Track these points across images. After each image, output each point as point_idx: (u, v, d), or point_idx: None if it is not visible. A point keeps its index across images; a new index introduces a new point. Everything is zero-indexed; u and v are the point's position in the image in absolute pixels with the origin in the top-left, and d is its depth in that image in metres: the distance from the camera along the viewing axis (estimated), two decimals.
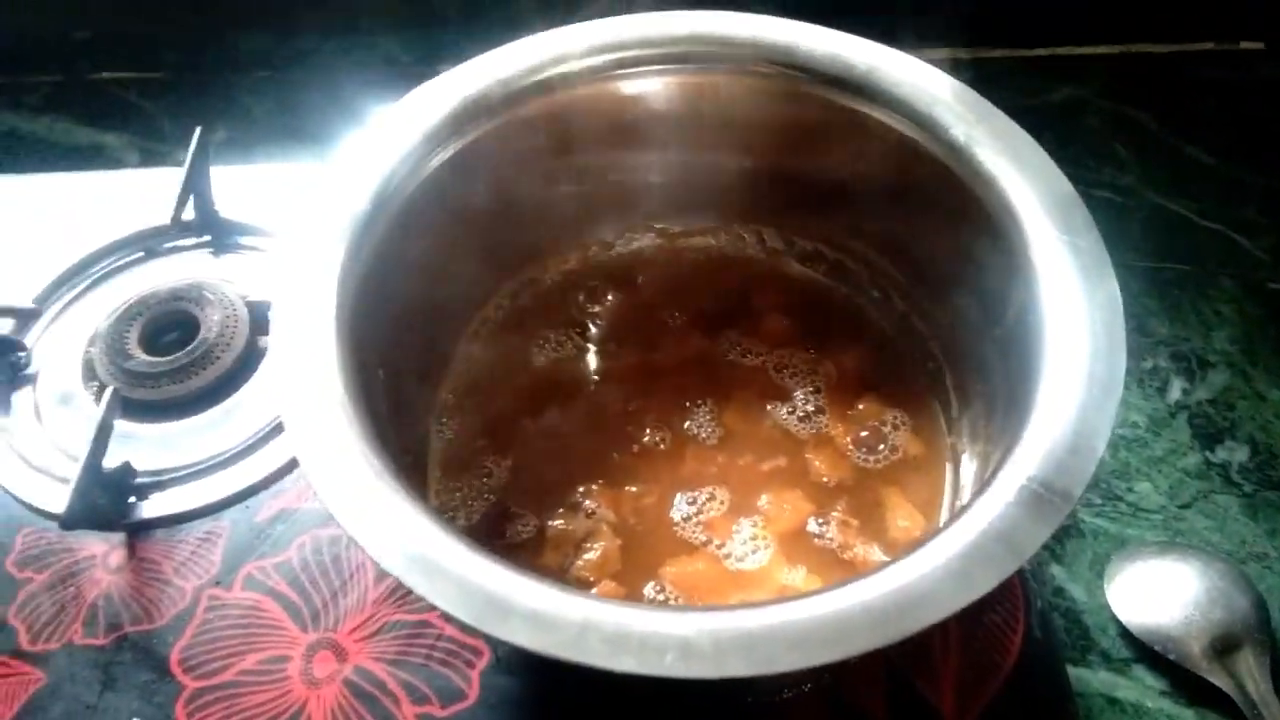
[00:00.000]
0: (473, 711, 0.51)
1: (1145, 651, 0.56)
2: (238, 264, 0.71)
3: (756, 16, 0.53)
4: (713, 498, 0.53)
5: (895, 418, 0.55)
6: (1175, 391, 0.69)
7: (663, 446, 0.55)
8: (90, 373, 0.64)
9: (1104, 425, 0.37)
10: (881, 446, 0.55)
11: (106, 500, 0.57)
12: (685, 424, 0.56)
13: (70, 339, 0.66)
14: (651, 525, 0.52)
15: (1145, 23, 0.91)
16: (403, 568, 0.35)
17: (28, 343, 0.66)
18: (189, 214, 0.71)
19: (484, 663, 0.52)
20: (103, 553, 0.57)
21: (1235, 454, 0.66)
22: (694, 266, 0.63)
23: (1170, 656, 0.55)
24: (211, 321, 0.64)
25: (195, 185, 0.70)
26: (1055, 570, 0.60)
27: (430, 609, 0.43)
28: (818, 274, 0.62)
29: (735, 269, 0.63)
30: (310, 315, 0.43)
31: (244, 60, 0.92)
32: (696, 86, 0.54)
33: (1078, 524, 0.62)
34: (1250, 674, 0.54)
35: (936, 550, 0.35)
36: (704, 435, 0.56)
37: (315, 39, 0.92)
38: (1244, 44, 0.92)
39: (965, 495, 0.51)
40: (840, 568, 0.50)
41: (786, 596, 0.35)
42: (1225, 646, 0.55)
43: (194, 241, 0.72)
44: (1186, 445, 0.66)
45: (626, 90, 0.54)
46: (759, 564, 0.50)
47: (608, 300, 0.61)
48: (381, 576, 0.55)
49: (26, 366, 0.65)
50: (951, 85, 0.49)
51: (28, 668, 0.53)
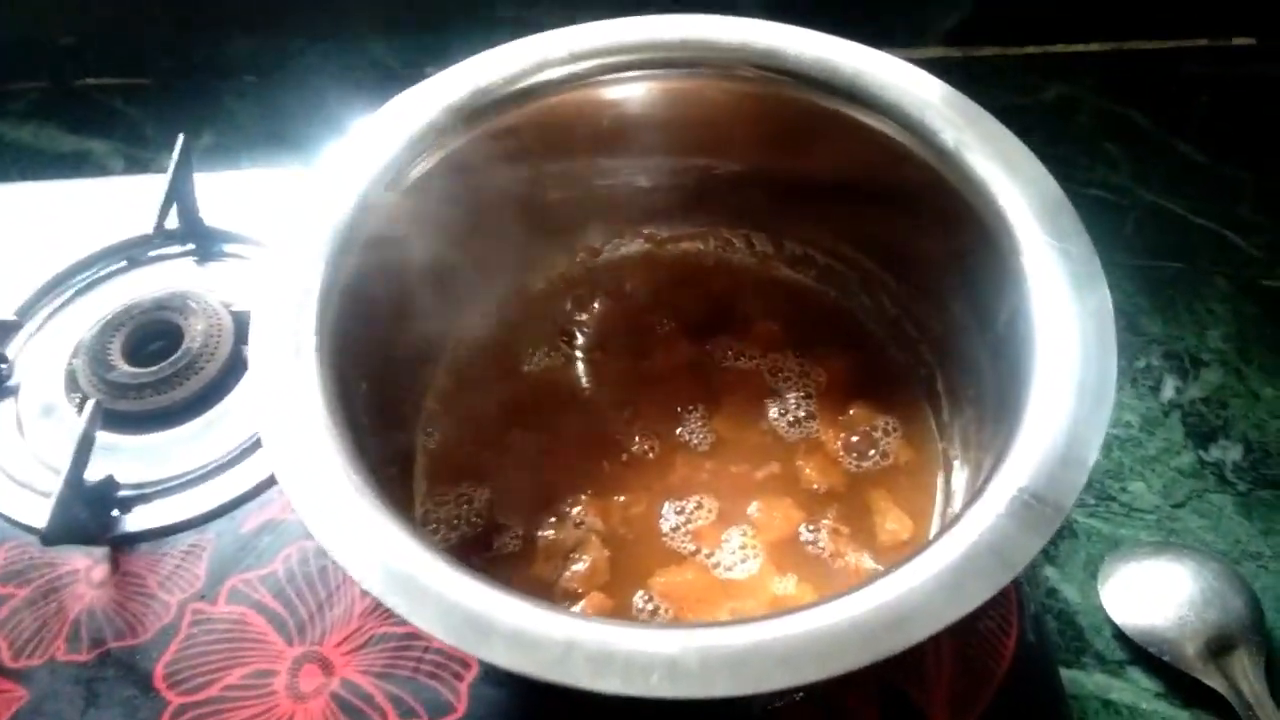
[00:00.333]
0: None
1: (1139, 653, 0.56)
2: (222, 272, 0.70)
3: (742, 20, 0.52)
4: (702, 506, 0.53)
5: (886, 423, 0.55)
6: (1168, 390, 0.69)
7: (652, 455, 0.55)
8: (73, 384, 0.63)
9: (1095, 435, 0.37)
10: (872, 452, 0.54)
11: (88, 514, 0.56)
12: (675, 431, 0.55)
13: (53, 350, 0.65)
14: (640, 535, 0.51)
15: (1137, 19, 0.91)
16: (382, 587, 0.34)
17: (9, 354, 0.65)
18: (173, 222, 0.70)
19: (472, 675, 0.52)
20: (85, 567, 0.57)
21: (1229, 453, 0.65)
22: (683, 272, 0.62)
23: (1165, 658, 0.55)
24: (195, 331, 0.63)
25: (179, 193, 0.70)
26: (1049, 571, 0.59)
27: None
28: (808, 278, 0.61)
29: (724, 274, 0.62)
30: (289, 328, 0.42)
31: (230, 65, 0.91)
32: (682, 91, 0.53)
33: (1071, 525, 0.61)
34: (1245, 675, 0.53)
35: (927, 563, 0.35)
36: (694, 442, 0.55)
37: (301, 43, 0.91)
38: (1236, 40, 0.92)
39: (957, 501, 0.50)
40: (831, 576, 0.50)
41: (774, 612, 0.34)
42: (1220, 647, 0.55)
43: (178, 250, 0.71)
44: (1180, 444, 0.66)
45: (611, 95, 0.53)
46: (749, 573, 0.50)
47: (595, 307, 0.61)
48: None
49: (8, 378, 0.64)
50: (940, 88, 0.49)
51: (10, 685, 0.53)
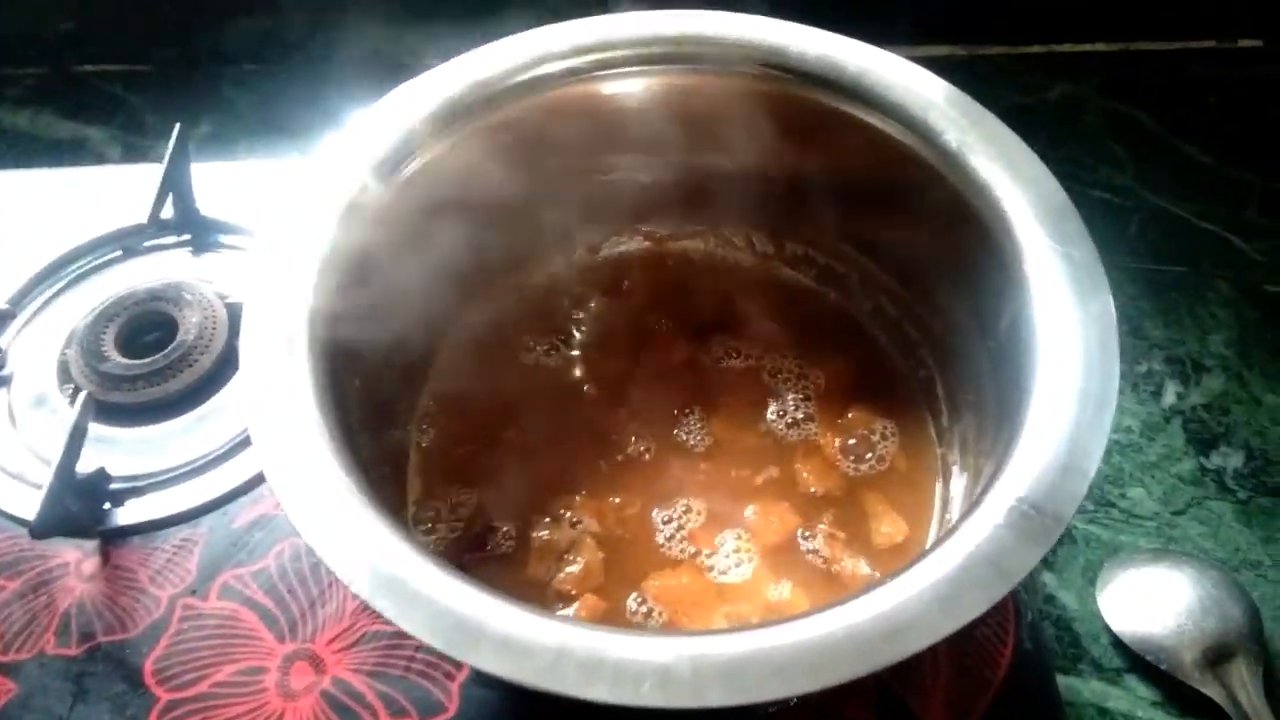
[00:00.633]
0: None
1: (1137, 661, 0.56)
2: (217, 263, 0.69)
3: (745, 17, 0.51)
4: (697, 509, 0.52)
5: (885, 427, 0.55)
6: (1170, 396, 0.68)
7: (648, 456, 0.54)
8: (66, 375, 0.63)
9: (1096, 444, 0.36)
10: (870, 456, 0.54)
11: (79, 507, 0.56)
12: (671, 432, 0.55)
13: (46, 340, 0.65)
14: (635, 537, 0.51)
15: (1144, 20, 0.90)
16: (370, 590, 0.34)
17: (2, 344, 0.64)
18: (168, 212, 0.70)
19: (464, 675, 0.51)
20: (76, 560, 0.56)
21: (1230, 460, 0.65)
22: (681, 271, 0.62)
23: (1162, 666, 0.55)
24: (190, 323, 0.63)
25: (174, 183, 0.69)
26: (1047, 577, 0.59)
27: None
28: (808, 279, 0.61)
29: (723, 273, 0.62)
30: (281, 325, 0.42)
31: (230, 53, 0.90)
32: (683, 88, 0.53)
33: (1070, 530, 0.61)
34: (1243, 685, 0.53)
35: (923, 573, 0.34)
36: (690, 443, 0.55)
37: (303, 32, 0.90)
38: (1243, 42, 0.91)
39: (955, 508, 0.50)
40: (827, 582, 0.49)
41: (768, 620, 0.34)
42: (1218, 656, 0.54)
43: (173, 240, 0.70)
44: (1181, 450, 0.65)
45: (611, 91, 0.53)
46: (743, 577, 0.49)
47: (593, 305, 0.60)
48: None
49: (1, 368, 0.64)
50: (944, 89, 0.48)
51: None
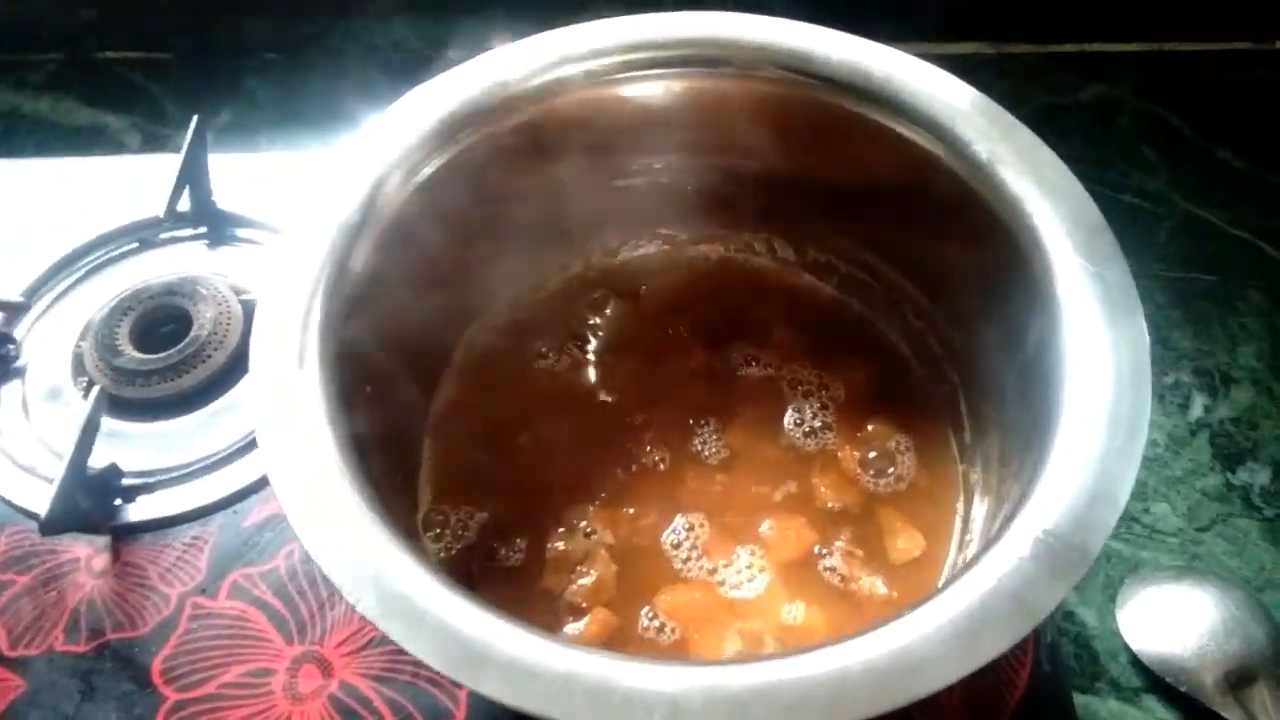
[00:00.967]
0: None
1: (1156, 681, 0.54)
2: (234, 258, 0.69)
3: (770, 20, 0.50)
4: (712, 522, 0.51)
5: (906, 441, 0.53)
6: (1197, 408, 0.67)
7: (663, 466, 0.53)
8: (79, 368, 0.62)
9: (1127, 474, 0.35)
10: (890, 470, 0.53)
11: (90, 503, 0.56)
12: (687, 442, 0.54)
13: (60, 332, 0.65)
14: (648, 549, 0.50)
15: (1179, 20, 0.88)
16: (377, 610, 0.33)
17: (17, 335, 0.64)
18: (185, 204, 0.69)
19: None
20: (86, 556, 0.56)
21: (1257, 476, 0.63)
22: (700, 275, 0.61)
23: (1182, 688, 0.53)
24: (204, 318, 0.62)
25: (191, 175, 0.69)
26: None
27: None
28: (829, 286, 0.60)
29: (743, 279, 0.60)
30: (293, 331, 0.41)
31: (252, 43, 0.90)
32: (706, 90, 0.52)
33: None
34: (1265, 709, 0.52)
35: (944, 606, 0.33)
36: (706, 454, 0.54)
37: (324, 22, 0.89)
38: (1279, 44, 0.89)
39: (975, 527, 0.49)
40: (843, 601, 0.48)
41: (782, 651, 0.33)
42: (1239, 679, 0.53)
43: (190, 233, 0.70)
44: (1207, 465, 0.64)
45: (633, 93, 0.51)
46: (756, 593, 0.49)
47: (609, 310, 0.59)
48: None
49: (15, 360, 0.63)
50: (974, 97, 0.47)
51: (7, 674, 0.52)
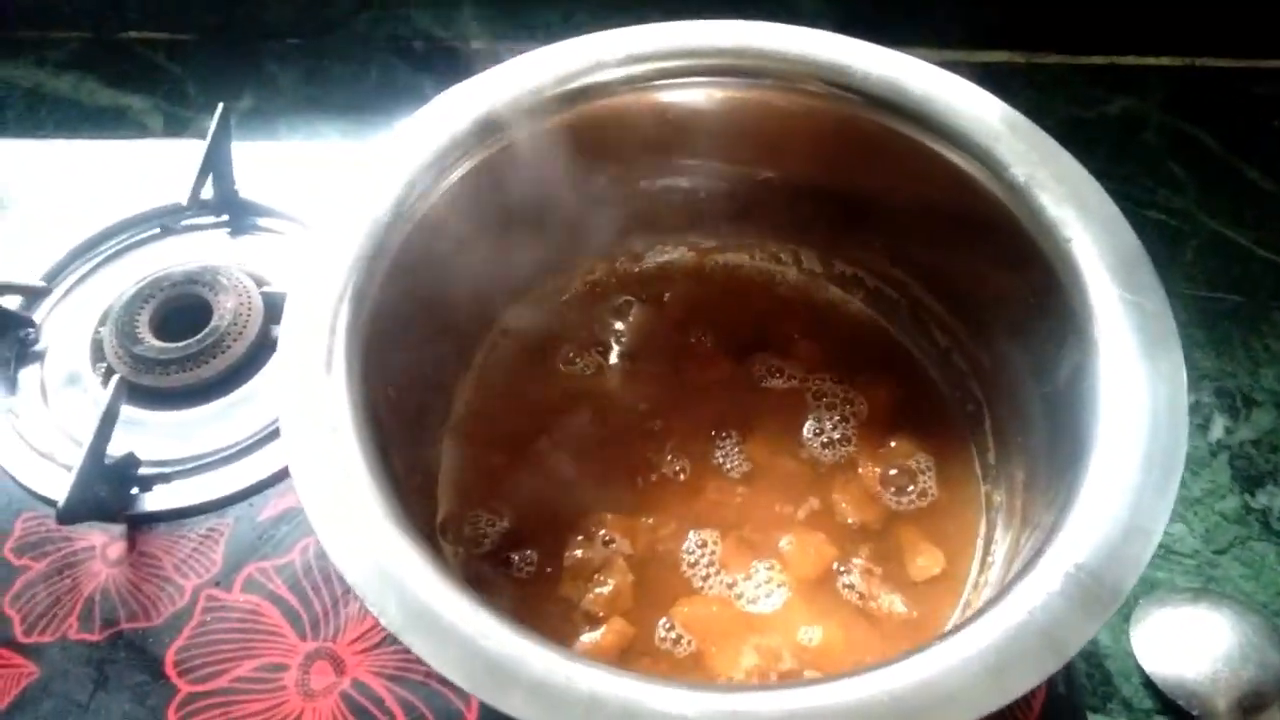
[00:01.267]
0: None
1: (1168, 704, 0.54)
2: (255, 247, 0.69)
3: (808, 31, 0.50)
4: (731, 535, 0.51)
5: (928, 459, 0.53)
6: (1218, 430, 0.66)
7: (683, 477, 0.53)
8: (99, 354, 0.62)
9: (1161, 511, 0.35)
10: (912, 488, 0.52)
11: (107, 492, 0.55)
12: (708, 454, 0.54)
13: (80, 317, 0.65)
14: (667, 561, 0.50)
15: (1212, 35, 0.87)
16: (401, 624, 0.33)
17: (37, 319, 0.64)
18: (208, 192, 0.69)
19: None
20: (102, 544, 0.56)
21: (1276, 500, 0.63)
22: (725, 284, 0.60)
23: (1194, 713, 0.53)
24: (225, 309, 0.62)
25: (215, 163, 0.69)
26: None
27: None
28: (856, 300, 0.59)
29: (768, 290, 0.60)
30: (321, 333, 0.41)
31: (275, 26, 0.89)
32: (740, 100, 0.51)
33: None
34: None
35: (972, 639, 0.33)
36: (727, 467, 0.53)
37: (349, 7, 0.89)
38: None
39: (998, 549, 0.48)
40: (861, 619, 0.48)
41: (806, 680, 0.32)
42: (1253, 705, 0.53)
43: (212, 221, 0.70)
44: (1226, 487, 0.64)
45: (667, 99, 0.51)
46: (774, 608, 0.48)
47: (633, 317, 0.59)
48: None
49: (35, 344, 0.63)
50: (1014, 118, 0.46)
51: (21, 660, 0.52)
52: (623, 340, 0.58)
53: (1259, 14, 0.85)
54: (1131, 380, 0.38)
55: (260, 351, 0.62)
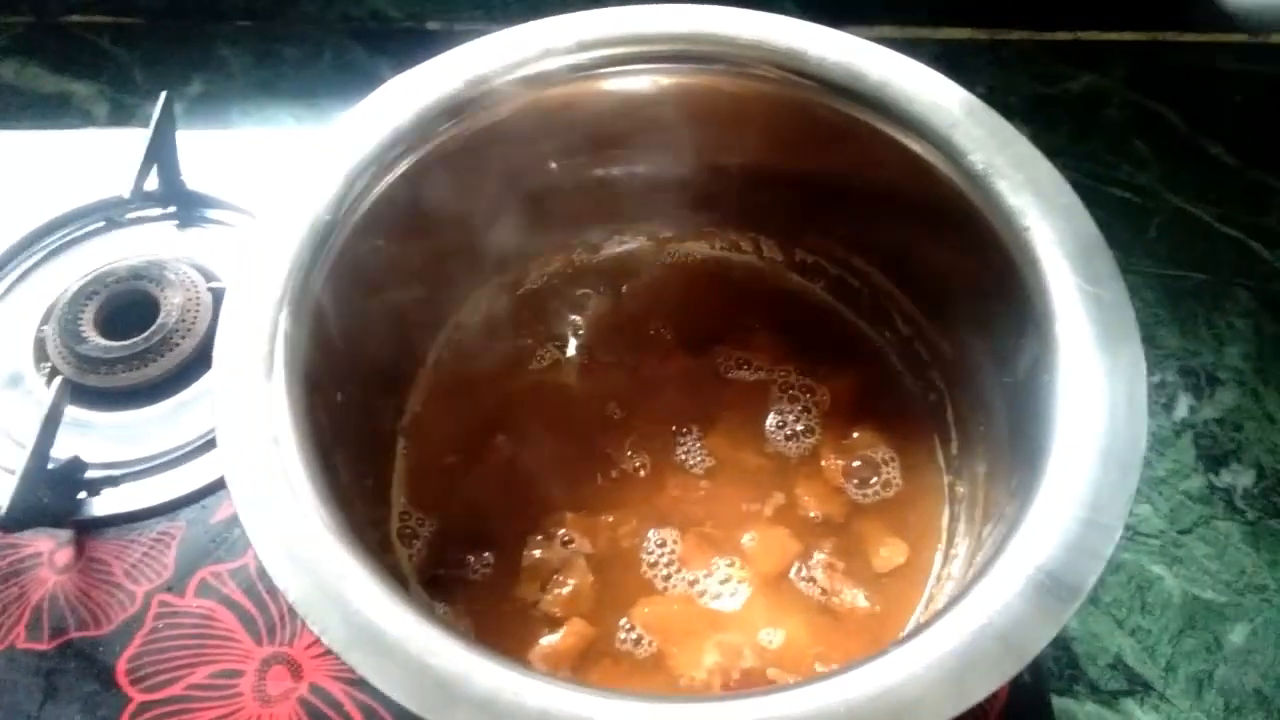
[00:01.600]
0: None
1: (1135, 684, 0.54)
2: (203, 239, 0.67)
3: (763, 16, 0.48)
4: (693, 532, 0.50)
5: (891, 450, 0.52)
6: (1182, 409, 0.66)
7: (644, 473, 0.52)
8: (42, 353, 0.60)
9: (1120, 508, 0.34)
10: (875, 480, 0.52)
11: (53, 497, 0.54)
12: (668, 449, 0.53)
13: (22, 315, 0.62)
14: (627, 559, 0.49)
15: (1175, 10, 0.87)
16: (344, 642, 0.32)
17: None
18: (153, 183, 0.67)
19: None
20: (49, 550, 0.55)
21: (1240, 478, 0.63)
22: (684, 275, 0.59)
23: None
24: (172, 305, 0.61)
25: (159, 153, 0.66)
26: None
27: None
28: (816, 288, 0.58)
29: (728, 279, 0.59)
30: (260, 334, 0.40)
31: (224, 8, 0.87)
32: (695, 86, 0.50)
33: None
34: None
35: (931, 644, 0.32)
36: (689, 462, 0.53)
37: None
38: (1276, 38, 0.87)
39: (961, 544, 0.48)
40: (823, 614, 0.48)
41: (762, 689, 0.32)
42: None
43: (158, 213, 0.68)
44: (1190, 467, 0.64)
45: (619, 87, 0.50)
46: (736, 606, 0.48)
47: (591, 310, 0.58)
48: None
49: None
50: (972, 104, 0.45)
51: None
52: (581, 334, 0.57)
53: None
54: (1091, 373, 0.38)
55: (210, 349, 0.59)
